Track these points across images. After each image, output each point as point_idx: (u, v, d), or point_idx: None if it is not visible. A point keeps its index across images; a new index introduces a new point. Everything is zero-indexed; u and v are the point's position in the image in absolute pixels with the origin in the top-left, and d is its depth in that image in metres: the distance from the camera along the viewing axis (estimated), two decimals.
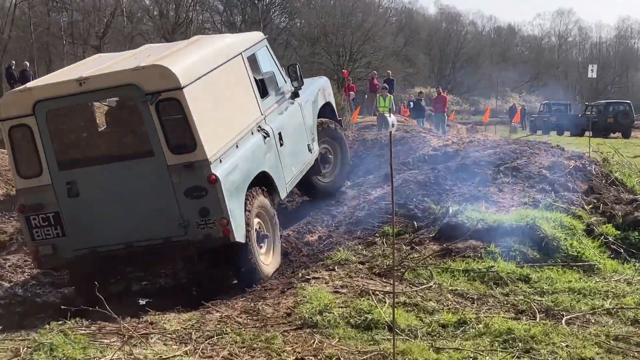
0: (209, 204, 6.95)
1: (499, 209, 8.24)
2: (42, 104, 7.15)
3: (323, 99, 10.16)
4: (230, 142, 7.37)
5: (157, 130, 6.93)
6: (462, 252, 7.17)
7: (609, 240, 7.61)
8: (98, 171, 7.21)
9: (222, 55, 7.78)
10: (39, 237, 7.31)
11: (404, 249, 7.47)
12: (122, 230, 7.15)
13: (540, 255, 7.14)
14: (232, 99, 7.74)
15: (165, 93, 6.87)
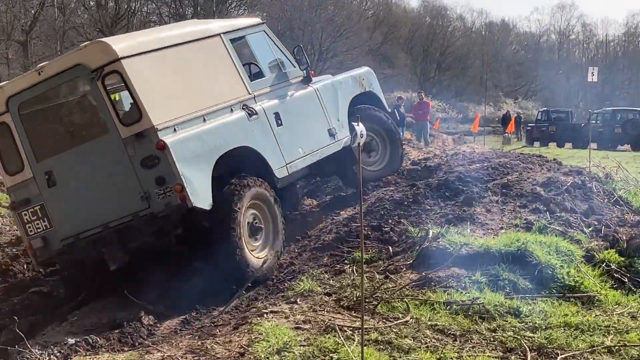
0: (163, 171, 8.06)
1: (486, 232, 8.33)
2: (12, 99, 8.67)
3: (360, 87, 11.30)
4: (192, 114, 8.53)
5: (107, 106, 8.22)
6: (443, 281, 7.23)
7: (611, 268, 7.69)
8: (68, 157, 8.54)
9: (187, 35, 9.09)
10: (31, 232, 8.75)
11: (376, 278, 7.51)
12: (97, 212, 8.39)
13: (532, 285, 7.20)
14: (200, 76, 8.98)
15: (107, 67, 8.14)
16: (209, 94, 8.96)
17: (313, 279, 7.63)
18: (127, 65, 8.13)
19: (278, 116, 9.66)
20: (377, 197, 10.00)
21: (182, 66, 8.80)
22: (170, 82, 8.57)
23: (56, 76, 8.46)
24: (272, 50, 10.17)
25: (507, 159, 10.93)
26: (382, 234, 8.67)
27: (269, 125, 9.49)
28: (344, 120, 10.77)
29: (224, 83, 9.24)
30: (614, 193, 9.59)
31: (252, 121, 9.24)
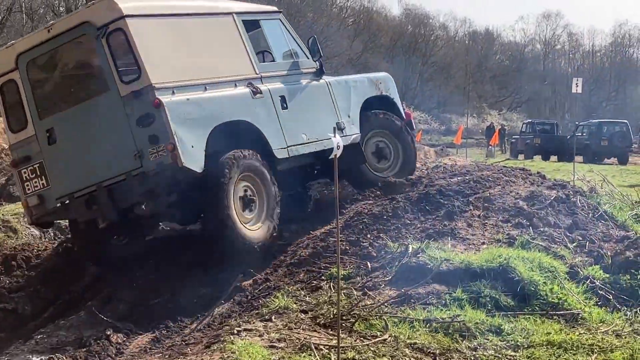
0: (157, 130, 8.53)
1: (468, 247, 8.36)
2: (22, 56, 9.21)
3: (375, 89, 11.71)
4: (194, 81, 9.06)
5: (110, 63, 8.71)
6: (423, 298, 7.24)
7: (595, 285, 7.74)
8: (69, 114, 9.06)
9: (199, 8, 9.73)
10: (29, 190, 9.27)
11: (354, 294, 7.51)
12: (93, 171, 8.89)
13: (514, 302, 7.24)
14: (206, 48, 9.54)
15: (112, 24, 8.66)
16: (213, 66, 9.48)
17: (288, 296, 7.61)
18: (132, 24, 8.64)
19: (284, 100, 10.15)
20: (355, 211, 10.00)
21: (188, 36, 9.34)
22: (174, 48, 9.11)
23: (64, 33, 8.95)
24: (286, 39, 10.70)
25: (489, 172, 10.95)
26: (361, 249, 8.66)
27: (273, 106, 9.97)
28: (355, 117, 11.20)
29: (231, 59, 9.79)
30: (599, 207, 9.63)
31: (255, 99, 9.73)
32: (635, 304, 7.64)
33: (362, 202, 10.58)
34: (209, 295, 8.45)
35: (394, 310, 7.05)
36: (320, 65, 10.93)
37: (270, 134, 9.82)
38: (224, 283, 8.72)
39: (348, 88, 11.29)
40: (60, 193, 9.14)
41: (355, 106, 11.29)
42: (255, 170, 9.42)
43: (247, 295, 8.37)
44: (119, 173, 8.78)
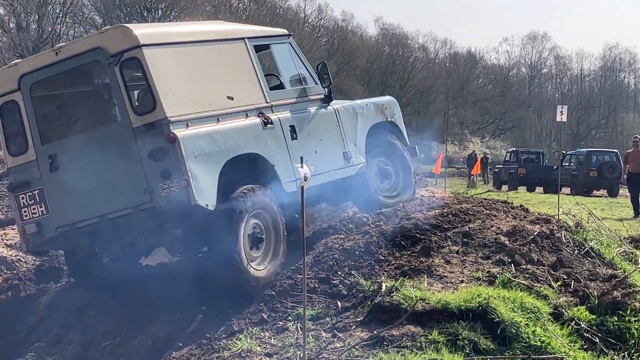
0: (170, 165, 8.66)
1: (445, 285, 8.38)
2: (26, 77, 9.34)
3: (381, 115, 12.05)
4: (207, 113, 9.20)
5: (122, 92, 8.84)
6: (397, 340, 7.24)
7: (581, 327, 7.79)
8: (74, 142, 9.23)
9: (211, 34, 9.91)
10: (27, 217, 9.39)
11: (323, 336, 7.51)
12: (97, 202, 9.03)
13: (494, 345, 7.26)
14: (218, 77, 9.68)
15: (127, 53, 8.78)
16: (224, 95, 9.60)
17: (252, 338, 7.61)
18: (148, 53, 8.78)
19: (293, 130, 10.33)
20: (325, 245, 10.00)
21: (201, 64, 9.50)
22: (187, 78, 9.26)
23: (74, 57, 9.11)
24: (295, 63, 10.94)
25: (469, 204, 11.01)
26: (330, 287, 8.67)
27: (284, 137, 10.14)
28: (361, 146, 11.48)
29: (242, 87, 9.95)
30: (585, 244, 9.69)
31: (266, 130, 9.90)
32: (623, 347, 7.71)
33: (333, 235, 10.58)
34: (166, 337, 8.40)
35: (365, 354, 7.04)
36: (329, 92, 11.17)
37: (280, 167, 9.95)
38: (182, 324, 8.69)
39: (355, 115, 11.55)
40: (61, 222, 9.27)
41: (362, 133, 11.56)
42: (266, 207, 9.51)
43: (207, 337, 8.33)
44: (126, 206, 8.92)
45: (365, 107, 11.88)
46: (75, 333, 8.79)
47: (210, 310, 8.88)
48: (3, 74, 9.69)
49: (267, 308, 8.63)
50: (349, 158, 11.20)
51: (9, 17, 52.14)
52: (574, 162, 39.21)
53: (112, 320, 9.00)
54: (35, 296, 10.58)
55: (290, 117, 10.39)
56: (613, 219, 18.73)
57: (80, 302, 9.77)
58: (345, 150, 11.20)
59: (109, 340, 8.61)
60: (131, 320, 8.94)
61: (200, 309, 8.89)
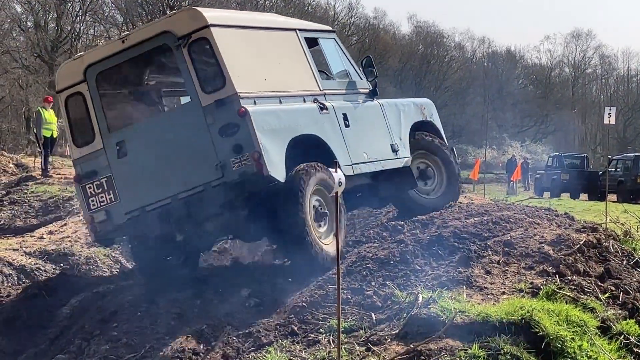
0: (241, 139, 9.45)
1: (485, 297, 8.36)
2: (92, 68, 10.06)
3: (420, 115, 12.83)
4: (271, 93, 10.11)
5: (191, 73, 9.66)
6: (434, 355, 7.24)
7: (630, 342, 7.76)
8: (142, 126, 10.12)
9: (269, 22, 11.11)
10: (94, 205, 10.08)
11: (357, 350, 7.52)
12: (167, 183, 9.78)
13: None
14: (278, 63, 10.59)
15: (195, 34, 9.62)
16: (284, 80, 10.57)
17: (282, 351, 7.63)
18: (216, 33, 9.65)
19: (346, 117, 11.20)
20: (358, 255, 10.01)
21: (263, 48, 10.44)
22: (253, 60, 10.16)
23: (141, 44, 9.92)
24: (341, 58, 11.89)
25: (510, 212, 10.98)
26: (364, 298, 8.67)
27: (338, 123, 11.01)
28: (406, 140, 12.25)
29: (298, 74, 10.88)
30: (634, 254, 9.66)
31: (322, 114, 10.78)
32: None
33: (366, 244, 10.60)
34: (192, 351, 8.43)
35: None
36: (374, 86, 12.02)
37: (337, 150, 10.74)
38: (208, 336, 8.72)
39: (398, 111, 12.35)
40: (131, 207, 9.97)
41: (405, 129, 12.31)
42: (326, 183, 10.15)
43: (235, 350, 8.37)
44: (197, 184, 9.70)
45: (406, 104, 12.64)
46: (97, 345, 8.83)
47: (237, 320, 8.93)
48: (69, 67, 10.41)
49: (297, 319, 8.64)
50: (397, 150, 11.93)
51: (27, 15, 52.47)
52: (621, 168, 38.97)
53: (136, 331, 9.04)
54: (57, 306, 10.67)
55: (342, 106, 11.23)
56: None
57: (103, 313, 9.83)
58: (393, 142, 11.95)
59: (132, 353, 8.66)
60: (157, 332, 8.98)
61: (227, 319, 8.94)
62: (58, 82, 10.45)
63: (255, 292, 9.72)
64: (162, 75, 10.56)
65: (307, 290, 9.34)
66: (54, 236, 16.15)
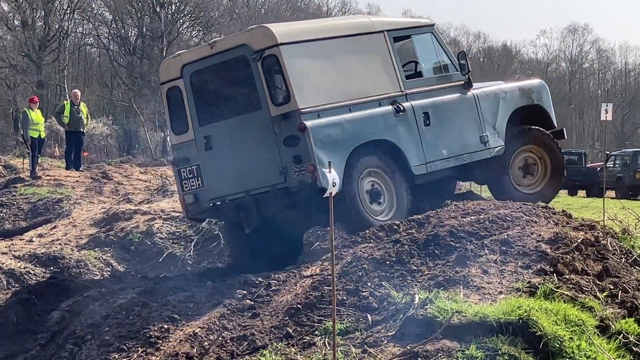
0: (301, 151, 10.73)
1: (483, 297, 8.38)
2: (187, 67, 11.59)
3: (526, 99, 13.47)
4: (339, 103, 11.21)
5: (263, 85, 10.97)
6: (431, 356, 7.25)
7: (629, 341, 7.77)
8: (225, 125, 11.50)
9: (348, 29, 11.96)
10: (186, 187, 11.72)
11: (353, 352, 7.53)
12: (242, 179, 11.27)
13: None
14: (354, 69, 11.68)
15: (268, 50, 10.87)
16: (359, 86, 11.57)
17: (277, 354, 7.64)
18: (284, 51, 10.85)
19: (427, 116, 12.12)
20: (354, 255, 10.03)
21: (337, 57, 11.52)
22: (322, 71, 11.33)
23: (225, 52, 11.30)
24: (436, 52, 12.69)
25: (507, 210, 10.97)
26: (360, 300, 8.69)
27: (416, 123, 11.95)
28: (501, 129, 13.01)
29: (377, 78, 11.83)
30: (633, 251, 9.66)
31: (398, 117, 11.75)
32: None
33: (362, 244, 10.61)
34: (185, 355, 8.44)
35: None
36: (469, 79, 12.70)
37: (410, 151, 11.78)
38: (203, 340, 8.73)
39: (497, 100, 13.07)
40: (214, 195, 11.55)
41: (503, 117, 13.05)
42: (378, 165, 11.52)
43: (229, 353, 8.38)
44: (266, 184, 11.10)
45: (509, 91, 13.37)
46: (89, 350, 8.84)
47: (232, 323, 8.94)
48: (169, 63, 11.97)
49: (293, 322, 8.66)
50: (486, 141, 12.75)
51: (14, 14, 52.43)
52: (619, 164, 38.95)
53: (128, 335, 9.05)
54: (47, 311, 10.67)
55: (424, 104, 12.12)
56: None
57: (94, 317, 9.84)
58: (482, 134, 12.75)
59: (125, 358, 8.67)
60: (149, 335, 8.99)
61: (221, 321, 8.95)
62: (161, 75, 12.14)
63: (249, 294, 9.73)
64: (243, 82, 11.44)
65: (303, 292, 9.35)
66: (44, 239, 16.17)
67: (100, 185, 21.19)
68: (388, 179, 11.69)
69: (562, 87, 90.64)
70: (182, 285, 10.57)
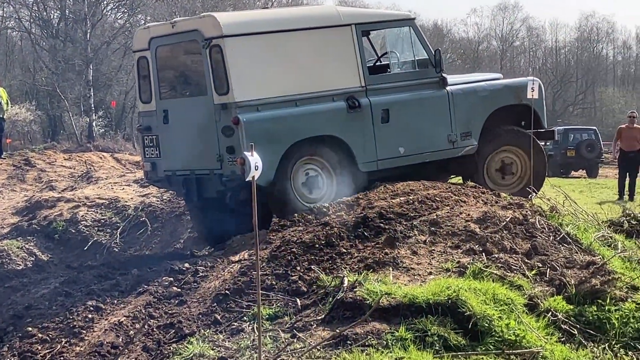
0: (234, 142, 11.11)
1: (412, 278, 8.45)
2: (154, 40, 12.10)
3: (513, 97, 13.25)
4: (283, 98, 11.47)
5: (209, 72, 11.33)
6: (361, 339, 7.29)
7: (558, 318, 7.87)
8: (179, 103, 12.14)
9: (308, 22, 12.03)
10: (147, 155, 12.46)
11: (282, 337, 7.54)
12: (189, 158, 11.81)
13: (466, 340, 7.34)
14: (308, 63, 11.75)
15: (214, 40, 11.21)
16: (312, 80, 11.74)
17: (204, 341, 7.62)
18: (228, 43, 11.16)
19: (387, 113, 12.19)
20: (283, 239, 10.05)
21: (290, 51, 11.67)
22: (269, 64, 11.50)
23: (182, 33, 11.71)
24: (413, 47, 12.60)
25: (436, 190, 11.09)
26: (289, 284, 8.72)
27: (371, 120, 12.05)
28: (477, 128, 12.90)
29: (334, 72, 11.92)
30: (561, 229, 9.78)
31: (351, 113, 11.89)
32: (603, 338, 7.81)
33: (291, 228, 10.63)
34: (110, 344, 8.39)
35: (327, 355, 7.08)
36: (442, 77, 12.56)
37: (359, 148, 11.91)
38: (128, 329, 8.69)
39: (475, 98, 12.94)
40: (167, 167, 12.24)
41: (480, 116, 12.94)
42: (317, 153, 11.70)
43: (156, 342, 8.34)
44: (206, 167, 11.65)
45: (491, 89, 13.21)
46: (11, 342, 8.73)
47: (158, 311, 8.91)
48: (140, 34, 12.63)
49: (221, 308, 8.65)
50: (454, 140, 12.70)
51: None
52: (550, 142, 39.34)
53: (52, 326, 8.97)
54: None
55: (387, 101, 12.17)
56: (593, 201, 18.92)
57: (16, 309, 9.74)
58: (451, 132, 12.67)
59: (48, 349, 8.59)
60: (73, 326, 8.92)
61: (147, 309, 8.91)
62: (134, 43, 13.02)
63: (176, 281, 9.70)
64: (196, 65, 11.88)
65: (231, 278, 9.34)
66: None
67: (22, 173, 20.87)
68: (333, 174, 11.83)
69: (493, 66, 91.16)
70: (107, 273, 10.55)
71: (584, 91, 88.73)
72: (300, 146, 11.54)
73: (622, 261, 9.28)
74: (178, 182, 12.19)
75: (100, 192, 16.57)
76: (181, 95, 12.37)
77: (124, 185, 17.38)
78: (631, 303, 8.19)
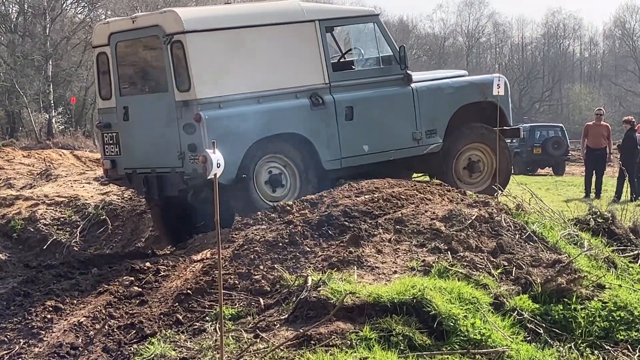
0: (196, 140, 11.09)
1: (377, 277, 8.47)
2: (114, 35, 11.98)
3: (479, 95, 13.32)
4: (246, 95, 11.44)
5: (170, 69, 11.28)
6: (325, 339, 7.30)
7: (524, 317, 7.93)
8: (139, 100, 12.05)
9: (271, 17, 11.95)
10: (107, 152, 12.36)
11: (244, 337, 7.54)
12: (150, 156, 11.81)
13: (431, 340, 7.38)
14: (271, 59, 11.73)
15: (176, 36, 11.15)
16: (275, 77, 11.73)
17: (166, 341, 7.61)
18: (190, 38, 11.13)
19: (350, 110, 12.23)
20: (246, 237, 10.04)
21: (253, 47, 11.63)
22: (232, 61, 11.47)
23: (143, 29, 11.68)
24: (377, 43, 12.68)
25: (401, 188, 11.11)
26: (252, 283, 8.72)
27: (335, 117, 12.09)
28: (442, 125, 12.99)
29: (298, 69, 11.95)
30: (527, 227, 9.83)
31: (314, 110, 11.93)
32: (569, 337, 7.87)
33: (254, 227, 10.61)
34: (69, 345, 8.34)
35: (291, 355, 7.10)
36: (407, 74, 12.62)
37: (322, 146, 11.96)
38: (88, 329, 8.64)
39: (440, 95, 13.02)
40: (127, 165, 12.17)
41: (445, 113, 13.03)
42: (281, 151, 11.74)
43: (116, 342, 8.31)
44: (167, 165, 11.57)
45: (457, 86, 13.31)
46: None
47: (119, 311, 8.87)
48: (99, 29, 12.57)
49: (182, 308, 8.64)
50: (419, 138, 12.78)
51: None
52: (517, 139, 39.55)
53: (9, 327, 8.90)
54: None
55: (351, 98, 12.22)
56: (560, 199, 19.05)
57: None
58: (416, 130, 12.77)
59: (5, 351, 8.51)
60: (32, 326, 8.86)
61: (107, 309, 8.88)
62: (93, 38, 12.93)
63: (137, 280, 9.66)
64: (156, 61, 11.81)
65: (193, 277, 9.33)
66: None
67: None
68: (297, 172, 11.93)
69: (459, 62, 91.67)
70: (66, 273, 10.46)
71: (550, 88, 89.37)
72: (263, 144, 11.54)
73: (588, 259, 9.34)
74: (139, 180, 12.15)
75: (60, 190, 16.43)
76: (142, 91, 12.29)
77: (84, 183, 17.23)
78: (597, 302, 8.26)
